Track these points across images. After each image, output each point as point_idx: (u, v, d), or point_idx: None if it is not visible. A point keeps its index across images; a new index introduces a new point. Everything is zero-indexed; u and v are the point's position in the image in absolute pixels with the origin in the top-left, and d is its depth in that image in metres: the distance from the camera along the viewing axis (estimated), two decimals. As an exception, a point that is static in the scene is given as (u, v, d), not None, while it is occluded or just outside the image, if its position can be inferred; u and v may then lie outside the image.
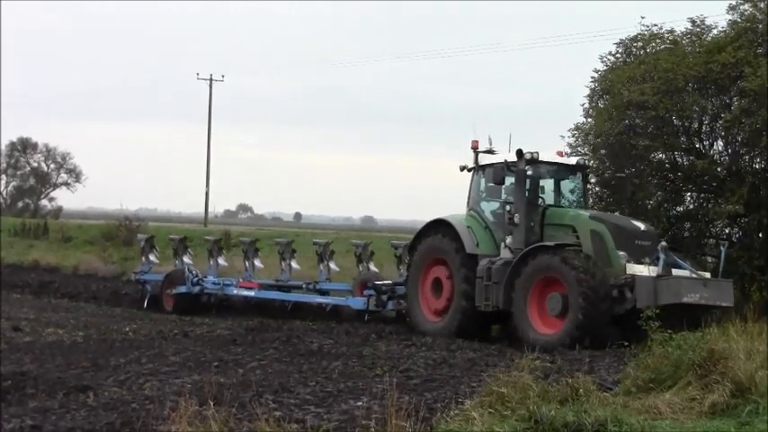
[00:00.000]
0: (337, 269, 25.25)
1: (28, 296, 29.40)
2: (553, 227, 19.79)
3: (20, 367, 14.42)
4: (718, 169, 22.33)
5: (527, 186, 20.11)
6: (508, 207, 19.84)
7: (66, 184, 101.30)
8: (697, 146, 23.15)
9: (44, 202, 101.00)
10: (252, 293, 24.83)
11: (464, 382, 13.37)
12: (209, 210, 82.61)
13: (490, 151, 21.10)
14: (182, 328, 21.29)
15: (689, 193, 23.62)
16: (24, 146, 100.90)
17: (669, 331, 12.97)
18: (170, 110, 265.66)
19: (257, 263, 26.11)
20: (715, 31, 23.17)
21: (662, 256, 18.75)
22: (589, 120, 23.77)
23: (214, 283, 25.61)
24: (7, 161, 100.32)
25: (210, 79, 79.19)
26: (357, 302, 22.50)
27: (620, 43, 24.20)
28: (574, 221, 19.57)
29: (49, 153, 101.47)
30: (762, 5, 22.36)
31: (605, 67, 24.02)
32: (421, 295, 20.77)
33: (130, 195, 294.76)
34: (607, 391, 11.79)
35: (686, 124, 23.03)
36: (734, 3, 22.72)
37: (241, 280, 25.33)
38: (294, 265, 25.61)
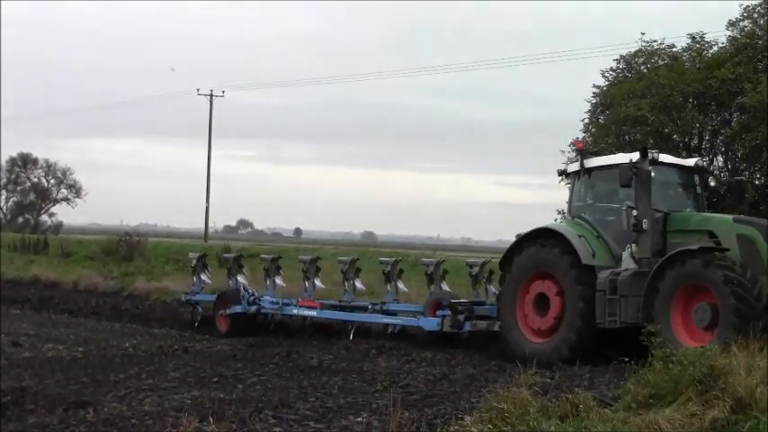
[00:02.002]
0: (405, 289, 23.41)
1: (28, 311, 29.36)
2: (680, 233, 17.82)
3: (19, 383, 14.41)
4: (713, 184, 22.31)
5: (652, 189, 18.02)
6: (635, 212, 17.73)
7: (67, 199, 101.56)
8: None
9: (44, 217, 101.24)
10: (313, 313, 23.20)
11: (464, 398, 13.35)
12: (209, 225, 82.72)
13: (594, 153, 19.62)
14: (182, 343, 21.27)
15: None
16: (25, 161, 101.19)
17: (670, 347, 12.96)
18: (170, 125, 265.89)
19: (317, 282, 24.42)
20: (715, 48, 23.25)
21: None
22: (588, 135, 23.82)
23: (272, 303, 23.91)
24: (7, 176, 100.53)
25: (211, 95, 79.44)
26: (430, 323, 20.64)
27: (621, 59, 24.29)
28: (712, 226, 17.61)
29: (50, 168, 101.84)
30: (762, 22, 22.43)
31: (606, 82, 24.10)
32: (519, 314, 18.78)
33: (130, 211, 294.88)
34: (607, 406, 11.75)
35: (686, 140, 23.08)
36: (733, 19, 22.82)
37: (300, 299, 23.74)
38: (358, 284, 23.77)
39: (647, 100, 22.12)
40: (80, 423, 11.56)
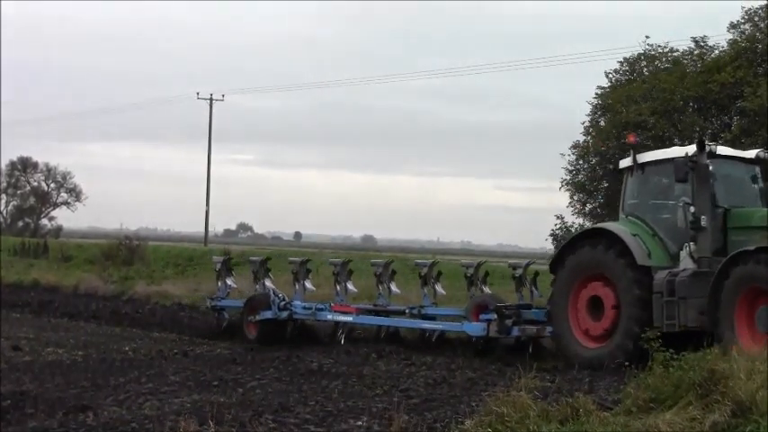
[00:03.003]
0: (443, 292, 22.30)
1: (28, 315, 29.35)
2: (742, 230, 16.85)
3: (19, 387, 14.41)
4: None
5: (711, 183, 17.16)
6: (692, 209, 16.93)
7: (67, 203, 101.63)
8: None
9: (44, 221, 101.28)
10: (349, 319, 22.07)
11: (464, 402, 13.34)
12: (209, 229, 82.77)
13: (649, 147, 18.81)
14: (181, 347, 21.26)
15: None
16: (24, 165, 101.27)
17: (671, 351, 12.94)
18: (170, 129, 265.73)
19: (350, 286, 23.13)
20: (717, 52, 23.27)
21: None
22: (588, 138, 23.82)
23: (305, 308, 22.62)
24: (7, 180, 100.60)
25: (211, 99, 79.46)
26: (475, 328, 19.58)
27: (625, 61, 24.30)
28: None
29: (50, 172, 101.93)
30: (762, 25, 22.44)
31: (609, 84, 24.11)
32: (572, 318, 17.88)
33: (130, 215, 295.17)
34: (607, 410, 11.75)
35: (686, 143, 23.09)
36: (735, 21, 22.84)
37: (332, 304, 22.59)
38: (394, 288, 22.70)
39: (648, 104, 22.12)
40: (80, 427, 11.56)
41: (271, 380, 15.66)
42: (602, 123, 23.46)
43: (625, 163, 18.54)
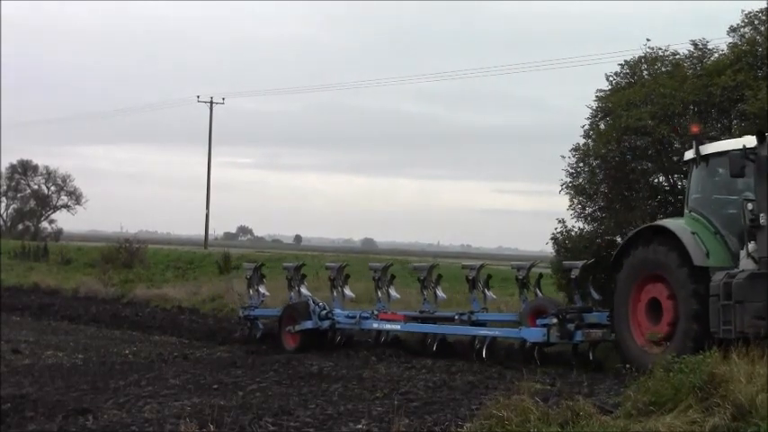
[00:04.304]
0: (494, 297, 21.35)
1: (28, 318, 29.41)
2: None
3: (19, 390, 14.43)
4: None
5: None
6: (750, 206, 15.59)
7: (67, 206, 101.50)
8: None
9: (44, 224, 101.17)
10: (397, 327, 20.82)
11: (464, 405, 13.34)
12: (209, 232, 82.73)
13: (714, 138, 17.78)
14: (182, 350, 21.27)
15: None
16: (25, 168, 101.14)
17: (672, 354, 12.93)
18: (170, 132, 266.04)
19: (393, 292, 22.04)
20: (717, 55, 23.23)
21: None
22: (588, 141, 23.76)
23: (348, 317, 21.47)
24: (8, 183, 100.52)
25: (211, 102, 79.40)
26: (534, 334, 18.53)
27: (626, 64, 24.25)
28: None
29: (50, 175, 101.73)
30: (762, 29, 22.41)
31: (609, 87, 24.06)
32: (632, 321, 16.81)
33: (130, 218, 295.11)
34: (607, 413, 11.75)
35: (687, 147, 23.06)
36: (734, 25, 22.79)
37: (375, 312, 21.37)
38: (440, 293, 21.40)
39: (648, 108, 22.08)
40: (80, 430, 11.60)
41: (271, 383, 15.66)
42: (603, 127, 23.40)
43: (689, 155, 17.43)
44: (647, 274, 16.58)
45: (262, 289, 23.74)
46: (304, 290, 22.79)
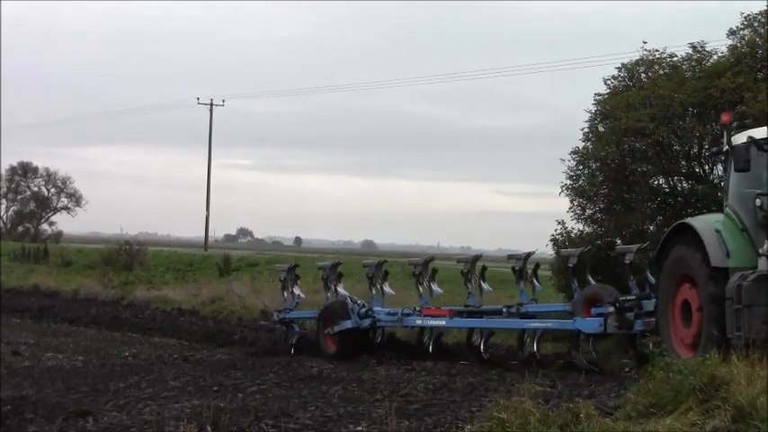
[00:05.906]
0: (540, 287, 20.30)
1: (27, 320, 29.42)
2: None
3: (19, 392, 14.43)
4: (719, 194, 22.32)
5: None
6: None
7: (67, 208, 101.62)
8: (697, 170, 23.17)
9: (44, 226, 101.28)
10: (442, 323, 19.99)
11: (464, 407, 13.34)
12: (209, 234, 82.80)
13: (747, 126, 16.67)
14: (181, 352, 21.28)
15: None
16: (25, 170, 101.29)
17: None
18: (170, 134, 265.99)
19: (435, 287, 21.08)
20: (715, 57, 23.23)
21: None
22: (588, 144, 23.77)
23: (389, 314, 20.52)
24: (8, 185, 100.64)
25: (211, 104, 79.48)
26: (590, 324, 17.64)
27: (623, 67, 24.26)
28: None
29: (50, 177, 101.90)
30: (762, 31, 22.42)
31: (608, 90, 24.06)
32: (671, 323, 15.89)
33: (130, 220, 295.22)
34: (608, 415, 11.75)
35: (686, 149, 23.06)
36: (734, 27, 22.80)
37: (417, 308, 20.47)
38: (485, 286, 20.49)
39: (647, 111, 22.08)
40: (80, 432, 11.57)
41: (271, 385, 15.67)
42: (602, 129, 23.41)
43: (725, 146, 16.11)
44: (680, 274, 15.70)
45: (297, 290, 22.69)
46: (341, 289, 21.88)
